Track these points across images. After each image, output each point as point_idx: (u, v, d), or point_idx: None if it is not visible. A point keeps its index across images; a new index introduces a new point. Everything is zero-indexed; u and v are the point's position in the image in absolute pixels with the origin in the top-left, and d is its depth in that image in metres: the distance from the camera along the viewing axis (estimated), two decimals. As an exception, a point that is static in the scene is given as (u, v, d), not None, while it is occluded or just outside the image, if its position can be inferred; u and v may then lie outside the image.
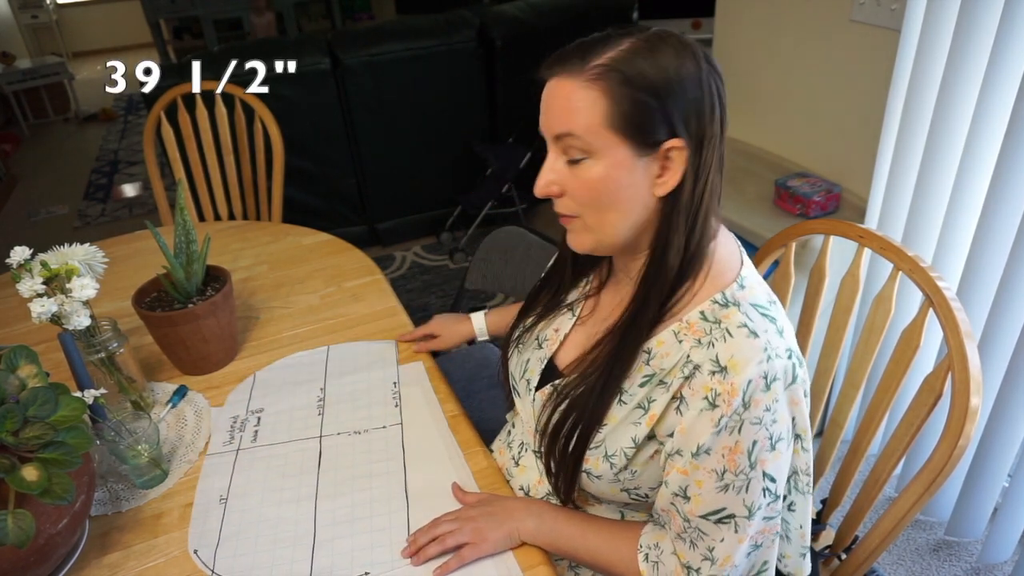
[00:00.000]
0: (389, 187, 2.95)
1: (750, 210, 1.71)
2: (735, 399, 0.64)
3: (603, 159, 0.65)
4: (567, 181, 0.68)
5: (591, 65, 0.64)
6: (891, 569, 1.51)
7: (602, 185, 0.66)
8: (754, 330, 0.66)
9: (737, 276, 0.71)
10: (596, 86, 0.63)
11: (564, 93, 0.65)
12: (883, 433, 1.53)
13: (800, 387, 0.68)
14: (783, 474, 0.69)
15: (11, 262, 0.90)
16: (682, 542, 0.72)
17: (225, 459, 0.94)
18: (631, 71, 0.63)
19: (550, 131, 0.68)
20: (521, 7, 2.98)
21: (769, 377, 0.64)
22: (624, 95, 0.63)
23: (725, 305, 0.68)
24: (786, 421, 0.67)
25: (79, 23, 7.84)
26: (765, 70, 1.91)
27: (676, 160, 0.66)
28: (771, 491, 0.68)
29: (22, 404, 0.69)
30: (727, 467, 0.66)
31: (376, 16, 6.54)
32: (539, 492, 0.86)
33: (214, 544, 0.81)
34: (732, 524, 0.68)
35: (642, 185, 0.67)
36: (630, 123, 0.63)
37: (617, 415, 0.72)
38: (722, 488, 0.67)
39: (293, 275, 1.39)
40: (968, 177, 1.31)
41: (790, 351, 0.67)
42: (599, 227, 0.69)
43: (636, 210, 0.68)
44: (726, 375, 0.64)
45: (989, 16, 1.20)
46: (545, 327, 0.86)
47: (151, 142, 1.81)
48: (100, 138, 5.19)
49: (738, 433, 0.65)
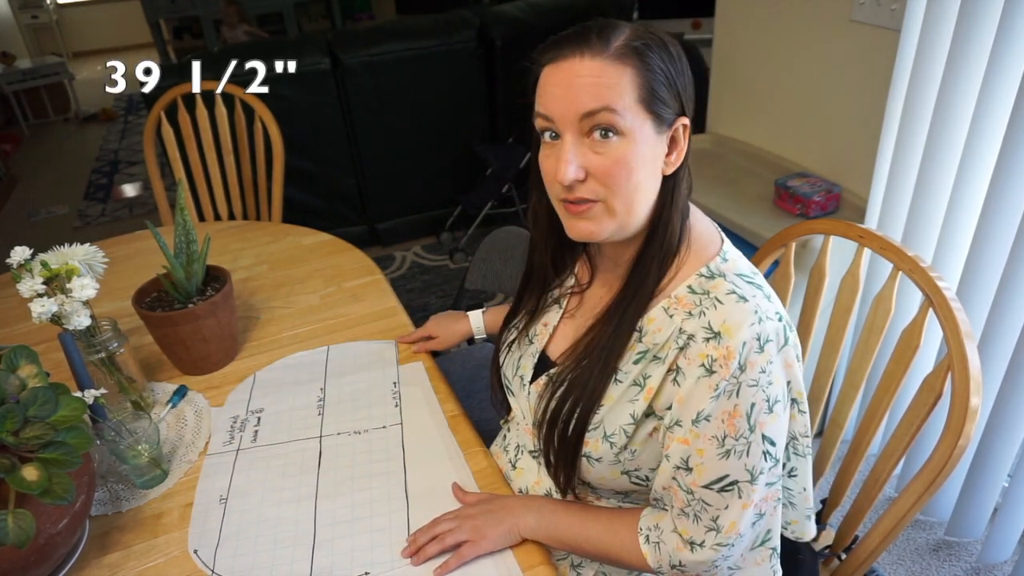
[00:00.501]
0: (389, 187, 2.95)
1: (750, 210, 1.71)
2: (732, 362, 0.65)
3: (631, 136, 0.66)
4: (591, 163, 0.67)
5: (615, 44, 0.65)
6: (891, 569, 1.51)
7: (632, 162, 0.66)
8: (743, 295, 0.67)
9: (720, 250, 0.73)
10: (626, 62, 0.65)
11: (593, 71, 0.65)
12: (883, 433, 1.53)
13: (792, 350, 0.69)
14: (782, 438, 0.70)
15: (11, 262, 0.90)
16: (685, 518, 0.72)
17: (225, 459, 0.94)
18: (649, 51, 0.66)
19: (577, 111, 0.65)
20: (521, 7, 2.98)
21: (762, 339, 0.65)
22: (648, 73, 0.65)
23: (711, 277, 0.70)
24: (781, 384, 0.68)
25: (79, 23, 7.84)
26: (765, 70, 1.91)
27: (681, 139, 0.69)
28: (771, 455, 0.68)
29: (22, 404, 0.69)
30: (727, 432, 0.67)
31: (376, 16, 6.54)
32: (538, 493, 0.86)
33: (214, 544, 0.81)
34: (736, 490, 0.68)
35: (658, 163, 0.69)
36: (655, 99, 0.66)
37: (614, 394, 0.73)
38: (723, 454, 0.67)
39: (293, 275, 1.39)
40: (968, 177, 1.31)
41: (779, 314, 0.68)
42: (625, 208, 0.69)
43: (653, 188, 0.70)
44: (720, 340, 0.66)
45: (989, 16, 1.20)
46: (533, 323, 0.87)
47: (151, 142, 1.81)
48: (100, 138, 5.19)
49: (736, 397, 0.66)
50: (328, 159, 2.81)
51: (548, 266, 0.85)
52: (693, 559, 0.72)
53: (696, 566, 0.72)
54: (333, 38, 2.70)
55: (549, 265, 0.85)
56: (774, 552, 0.74)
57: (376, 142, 2.82)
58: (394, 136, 2.83)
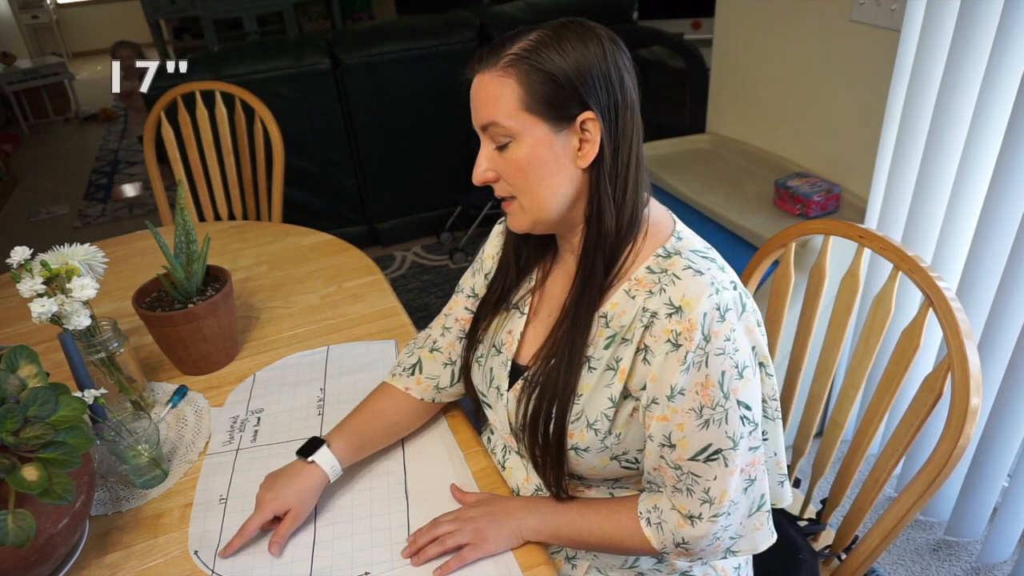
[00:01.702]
0: (389, 187, 2.95)
1: (750, 210, 1.71)
2: (695, 333, 0.68)
3: (525, 140, 0.71)
4: (499, 166, 0.74)
5: (503, 57, 0.70)
6: (891, 569, 1.51)
7: (528, 163, 0.72)
8: (698, 269, 0.70)
9: (673, 231, 0.76)
10: (509, 74, 0.70)
11: (483, 86, 0.72)
12: (883, 433, 1.53)
13: (751, 315, 0.71)
14: (756, 402, 0.72)
15: (11, 262, 0.90)
16: (679, 493, 0.73)
17: (225, 459, 0.94)
18: (538, 56, 0.69)
19: (478, 123, 0.73)
20: (521, 7, 2.98)
21: (722, 308, 0.68)
22: (534, 78, 0.69)
23: (668, 256, 0.73)
24: (746, 349, 0.70)
25: (79, 23, 7.85)
26: (765, 70, 1.91)
27: (592, 131, 0.71)
28: (749, 419, 0.70)
29: (22, 404, 0.69)
30: (703, 403, 0.69)
31: (376, 16, 6.54)
32: (528, 490, 0.86)
33: (214, 544, 0.81)
34: (720, 459, 0.70)
35: (565, 159, 0.72)
36: (543, 102, 0.69)
37: (589, 382, 0.75)
38: (703, 425, 0.69)
39: (293, 275, 1.39)
40: (968, 177, 1.31)
41: (734, 283, 0.71)
42: (532, 205, 0.74)
43: (564, 183, 0.73)
44: (682, 314, 0.68)
45: (989, 16, 1.20)
46: (497, 331, 0.86)
47: (151, 142, 1.82)
48: (100, 138, 5.19)
49: (706, 367, 0.68)
50: (328, 159, 2.81)
51: (512, 265, 0.86)
52: (694, 534, 0.72)
53: (698, 541, 0.73)
54: (333, 38, 2.70)
55: (513, 264, 0.86)
56: (769, 515, 0.76)
57: (376, 142, 2.82)
58: (394, 136, 2.83)
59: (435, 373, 0.93)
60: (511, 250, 0.86)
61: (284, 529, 0.80)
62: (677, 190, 1.88)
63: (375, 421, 0.91)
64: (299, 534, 0.82)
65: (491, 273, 0.90)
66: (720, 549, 0.75)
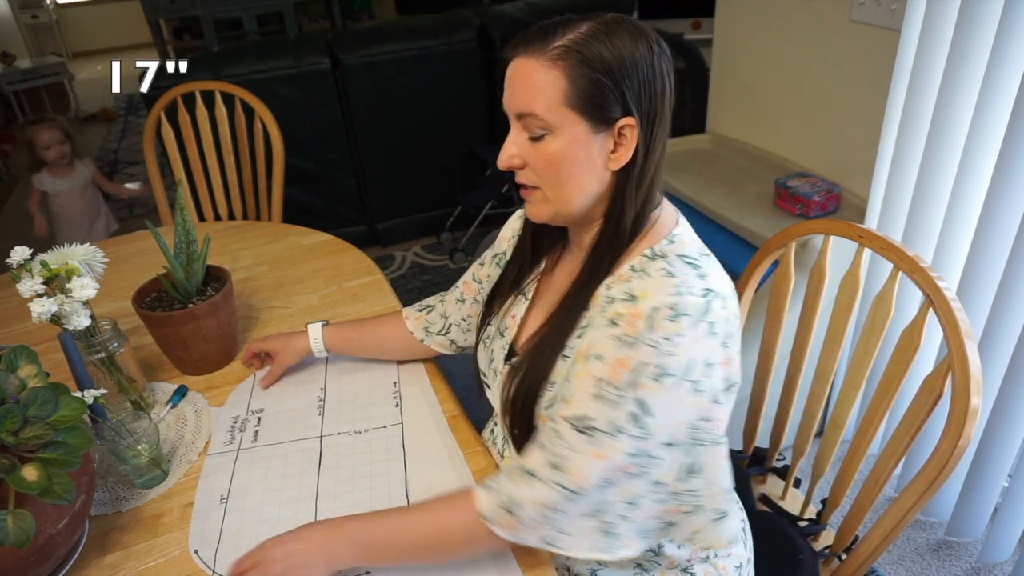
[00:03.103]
0: (389, 187, 2.95)
1: (750, 210, 1.71)
2: (638, 320, 0.66)
3: (562, 136, 0.70)
4: (529, 155, 0.73)
5: (552, 46, 0.68)
6: (891, 569, 1.51)
7: (561, 159, 0.71)
8: (671, 272, 0.69)
9: (668, 234, 0.75)
10: (557, 66, 0.67)
11: (527, 72, 0.69)
12: (883, 433, 1.53)
13: (708, 326, 0.66)
14: (661, 417, 0.66)
15: (11, 262, 0.90)
16: (536, 448, 0.72)
17: (225, 459, 0.94)
18: (589, 52, 0.67)
19: (513, 109, 0.71)
20: (521, 7, 2.98)
21: (678, 309, 0.66)
22: (582, 75, 0.67)
23: (653, 258, 0.72)
24: (681, 360, 0.65)
25: (79, 23, 7.84)
26: (765, 70, 1.91)
27: (629, 137, 0.70)
28: (643, 424, 0.66)
29: (22, 404, 0.69)
30: (609, 377, 0.67)
31: (376, 16, 6.54)
32: None
33: (215, 544, 0.81)
34: (592, 436, 0.67)
35: (597, 160, 0.71)
36: (587, 102, 0.68)
37: (563, 370, 0.75)
38: (595, 396, 0.68)
39: (293, 275, 1.39)
40: (968, 177, 1.31)
41: (709, 290, 0.67)
42: (557, 198, 0.74)
43: (592, 183, 0.73)
44: (635, 303, 0.68)
45: (989, 16, 1.20)
46: (504, 316, 0.89)
47: (151, 142, 1.82)
48: (100, 138, 5.19)
49: (631, 349, 0.66)
50: (328, 159, 2.81)
51: (528, 251, 0.88)
52: (529, 495, 0.69)
53: (530, 507, 0.69)
54: (333, 38, 2.70)
55: (529, 250, 0.87)
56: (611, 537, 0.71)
57: (376, 142, 2.82)
58: (394, 136, 2.83)
59: (433, 320, 1.04)
60: (528, 237, 0.87)
61: (273, 371, 1.06)
62: (677, 190, 1.88)
63: (368, 329, 1.08)
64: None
65: (506, 254, 0.93)
66: (542, 533, 0.70)
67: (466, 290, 1.00)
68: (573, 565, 0.85)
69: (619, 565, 0.82)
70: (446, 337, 1.04)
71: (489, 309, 0.91)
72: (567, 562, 0.85)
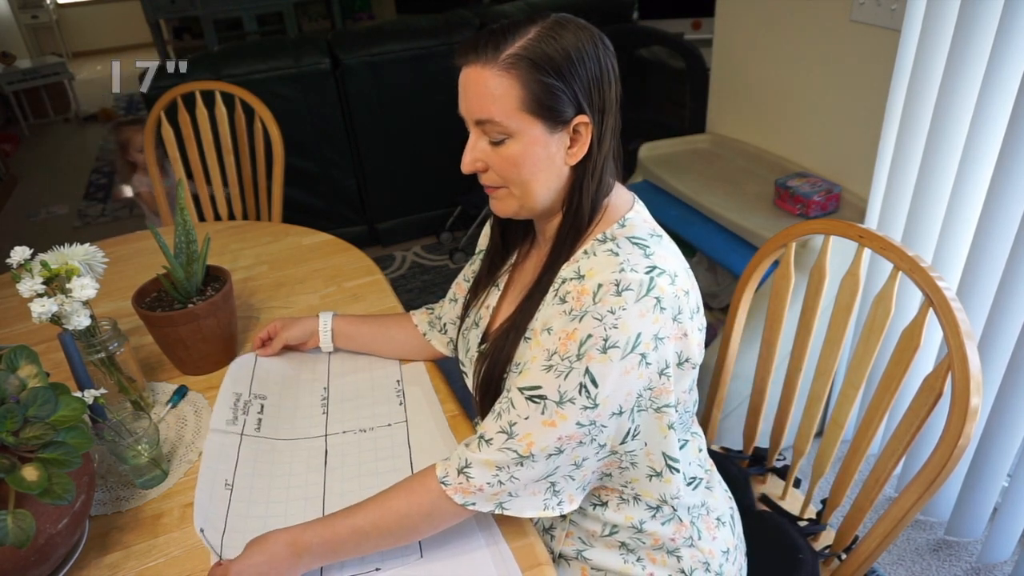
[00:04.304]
0: (389, 187, 2.95)
1: (750, 210, 1.71)
2: (585, 296, 0.70)
3: (521, 139, 0.73)
4: (490, 158, 0.76)
5: (504, 54, 0.70)
6: (891, 569, 1.51)
7: (522, 160, 0.74)
8: (616, 252, 0.72)
9: (621, 218, 0.78)
10: (510, 74, 0.70)
11: (481, 81, 0.72)
12: (883, 433, 1.53)
13: (652, 300, 0.68)
14: (609, 388, 0.69)
15: (11, 262, 0.90)
16: (491, 417, 0.74)
17: (230, 440, 0.94)
18: (539, 57, 0.70)
19: (471, 115, 0.75)
20: (521, 7, 2.98)
21: (621, 285, 0.69)
22: (535, 80, 0.70)
23: (604, 241, 0.76)
24: (627, 333, 0.68)
25: (79, 23, 7.84)
26: (765, 70, 1.91)
27: (584, 133, 0.74)
28: (590, 394, 0.69)
29: (22, 404, 0.69)
30: (558, 349, 0.70)
31: (376, 16, 6.54)
32: None
33: (220, 528, 0.81)
34: (542, 404, 0.70)
35: (556, 157, 0.75)
36: (542, 105, 0.71)
37: (525, 354, 0.77)
38: (546, 367, 0.71)
39: (293, 275, 1.39)
40: (968, 177, 1.31)
41: (653, 268, 0.70)
42: (521, 194, 0.77)
43: (552, 179, 0.76)
44: (582, 281, 0.71)
45: (989, 16, 1.20)
46: (480, 307, 0.92)
47: (151, 142, 1.82)
48: (100, 138, 5.19)
49: (578, 322, 0.70)
50: (328, 159, 2.81)
51: (499, 246, 0.91)
52: (480, 457, 0.72)
53: (483, 469, 0.71)
54: (333, 38, 2.70)
55: (500, 245, 0.91)
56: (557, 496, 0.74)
57: (376, 142, 2.82)
58: (394, 136, 2.83)
59: (434, 319, 1.08)
60: (497, 230, 0.91)
61: (275, 343, 1.09)
62: (677, 190, 1.88)
63: (376, 323, 1.11)
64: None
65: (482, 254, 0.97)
66: (496, 496, 0.73)
67: (457, 290, 1.03)
68: (558, 547, 0.85)
69: (606, 546, 0.84)
70: (444, 335, 1.07)
71: (469, 302, 0.95)
72: (552, 544, 0.86)
